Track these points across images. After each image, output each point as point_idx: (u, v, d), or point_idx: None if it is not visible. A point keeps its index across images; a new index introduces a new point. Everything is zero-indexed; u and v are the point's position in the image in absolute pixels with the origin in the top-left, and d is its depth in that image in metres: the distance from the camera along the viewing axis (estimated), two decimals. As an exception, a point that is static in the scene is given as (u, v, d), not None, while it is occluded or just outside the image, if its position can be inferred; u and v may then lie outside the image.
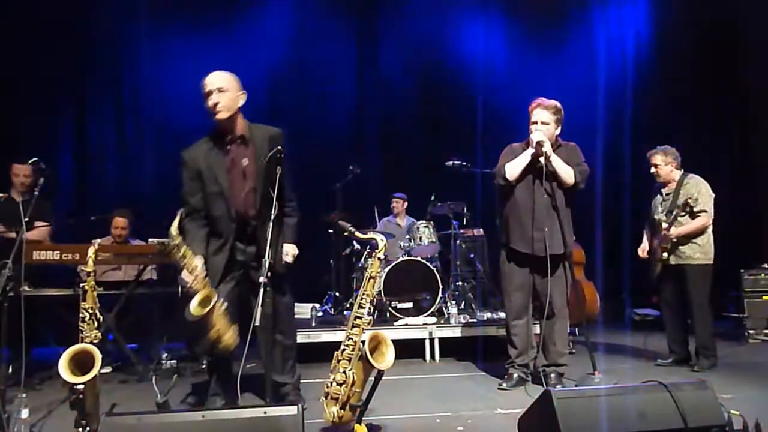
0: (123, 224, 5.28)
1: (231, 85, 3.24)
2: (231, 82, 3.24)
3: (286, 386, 3.45)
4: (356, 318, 2.94)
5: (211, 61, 7.42)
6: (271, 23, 7.76)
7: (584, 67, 7.75)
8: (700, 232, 4.35)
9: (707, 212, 4.35)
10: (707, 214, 4.35)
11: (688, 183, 4.43)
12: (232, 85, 3.24)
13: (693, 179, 4.46)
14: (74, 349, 2.64)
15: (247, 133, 3.27)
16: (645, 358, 4.82)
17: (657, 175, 4.55)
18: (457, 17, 8.21)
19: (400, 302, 5.51)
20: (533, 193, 3.84)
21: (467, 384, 4.16)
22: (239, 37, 7.61)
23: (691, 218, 4.36)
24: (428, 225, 5.92)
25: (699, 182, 4.43)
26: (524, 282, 3.93)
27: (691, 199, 4.25)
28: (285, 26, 7.81)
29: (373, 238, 3.12)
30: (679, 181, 4.49)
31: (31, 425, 2.89)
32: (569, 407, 2.15)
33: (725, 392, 3.32)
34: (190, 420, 2.08)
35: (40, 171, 3.48)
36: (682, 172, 4.53)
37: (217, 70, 3.26)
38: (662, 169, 4.51)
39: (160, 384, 2.97)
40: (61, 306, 4.38)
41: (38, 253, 4.36)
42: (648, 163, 4.60)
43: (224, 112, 3.21)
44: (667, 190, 4.55)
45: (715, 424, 2.19)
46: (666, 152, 4.51)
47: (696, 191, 4.33)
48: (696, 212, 4.32)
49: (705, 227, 4.36)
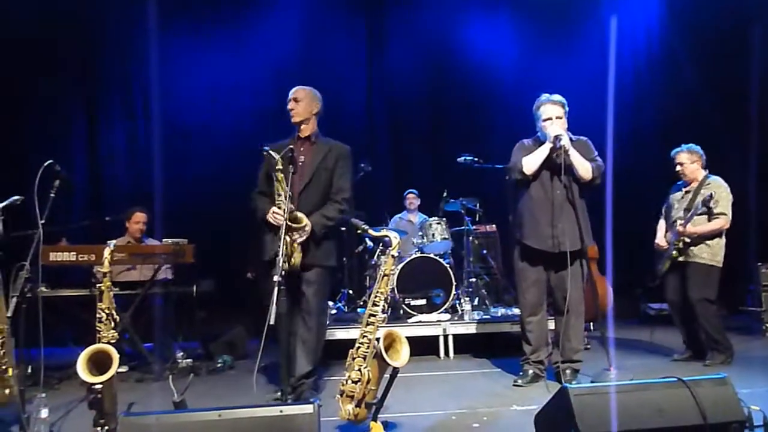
0: (143, 219, 5.33)
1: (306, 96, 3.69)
2: (306, 94, 3.69)
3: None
4: (370, 315, 2.94)
5: (220, 58, 7.49)
6: (279, 20, 7.75)
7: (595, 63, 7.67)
8: (715, 235, 4.31)
9: (726, 215, 4.30)
10: (725, 217, 4.30)
11: (710, 183, 4.39)
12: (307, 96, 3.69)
13: (716, 181, 4.41)
14: (92, 349, 2.67)
15: (314, 139, 3.67)
16: (660, 354, 4.78)
17: (682, 174, 4.50)
18: (466, 12, 8.15)
19: (413, 299, 5.51)
20: (549, 187, 3.82)
21: (482, 381, 4.16)
22: (248, 35, 7.61)
23: (708, 219, 4.32)
24: (440, 222, 5.90)
25: (720, 185, 4.38)
26: (539, 278, 3.91)
27: (713, 197, 4.20)
28: (293, 23, 7.80)
29: (386, 236, 3.13)
30: (701, 181, 4.44)
31: (51, 425, 2.93)
32: (586, 403, 2.14)
33: (744, 387, 3.27)
34: (207, 419, 2.10)
35: (55, 173, 3.51)
36: (706, 172, 4.48)
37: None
38: (688, 167, 4.46)
39: (177, 383, 2.98)
40: (78, 306, 4.43)
41: (55, 255, 4.42)
42: (673, 161, 4.54)
43: (296, 117, 3.66)
44: (688, 189, 4.51)
45: (735, 419, 2.17)
46: (691, 151, 4.46)
47: (718, 193, 4.28)
48: (715, 214, 4.28)
49: (720, 230, 4.31)
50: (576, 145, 3.83)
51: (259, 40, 7.62)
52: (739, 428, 2.16)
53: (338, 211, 3.58)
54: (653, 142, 7.43)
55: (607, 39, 7.85)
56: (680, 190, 4.57)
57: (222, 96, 7.49)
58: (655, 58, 7.97)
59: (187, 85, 7.41)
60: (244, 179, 6.94)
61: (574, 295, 3.78)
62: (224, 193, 7.30)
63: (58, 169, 3.49)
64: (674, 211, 4.52)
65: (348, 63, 7.98)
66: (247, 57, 7.54)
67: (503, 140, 4.57)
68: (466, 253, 6.11)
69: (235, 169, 7.44)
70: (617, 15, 7.77)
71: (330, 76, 7.67)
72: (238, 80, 7.48)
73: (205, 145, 7.44)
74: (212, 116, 7.51)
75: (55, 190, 3.49)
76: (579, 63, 7.68)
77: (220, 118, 7.50)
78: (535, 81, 7.25)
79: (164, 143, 7.13)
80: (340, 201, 3.60)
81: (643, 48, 8.08)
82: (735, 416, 2.18)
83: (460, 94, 8.05)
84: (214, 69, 7.47)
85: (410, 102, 8.08)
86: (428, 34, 8.05)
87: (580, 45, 7.87)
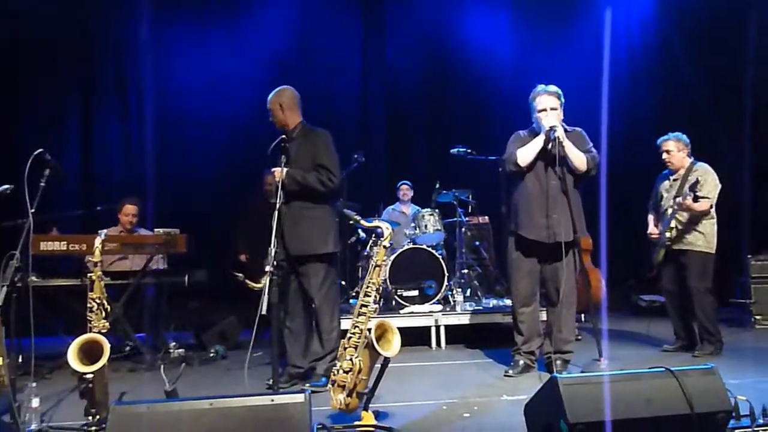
0: (134, 211, 5.30)
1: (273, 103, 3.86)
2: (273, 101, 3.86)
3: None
4: (362, 306, 2.95)
5: (216, 51, 7.44)
6: (275, 13, 7.71)
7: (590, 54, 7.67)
8: (702, 217, 4.34)
9: (709, 199, 4.33)
10: (709, 200, 4.33)
11: (697, 170, 4.41)
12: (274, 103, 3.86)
13: (702, 167, 4.44)
14: (83, 339, 2.66)
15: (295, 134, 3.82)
16: (651, 345, 4.82)
17: (669, 162, 4.52)
18: (463, 5, 8.13)
19: (405, 290, 5.52)
20: (544, 179, 3.83)
21: (473, 371, 4.18)
22: (243, 26, 7.57)
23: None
24: (433, 213, 5.91)
25: (707, 170, 4.41)
26: (532, 269, 3.93)
27: (698, 182, 4.22)
28: (289, 16, 7.76)
29: (378, 226, 3.12)
30: (688, 168, 4.47)
31: (42, 414, 2.92)
32: (575, 393, 2.15)
33: (732, 378, 3.31)
34: (198, 408, 2.10)
35: (45, 162, 3.48)
36: (692, 159, 4.50)
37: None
38: (674, 155, 4.48)
39: (169, 373, 2.99)
40: (68, 296, 4.41)
41: (45, 244, 4.39)
42: (659, 149, 4.56)
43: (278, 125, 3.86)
44: (675, 177, 4.53)
45: (721, 409, 2.18)
46: (678, 139, 4.49)
47: (704, 178, 4.31)
48: (699, 197, 4.31)
49: (705, 212, 4.34)
50: (571, 136, 3.84)
51: (255, 31, 7.58)
52: (725, 418, 2.18)
53: (317, 178, 3.65)
54: (647, 134, 7.43)
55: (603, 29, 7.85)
56: (667, 179, 4.59)
57: (217, 87, 7.45)
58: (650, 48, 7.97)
59: (181, 75, 7.36)
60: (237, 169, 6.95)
61: (567, 286, 3.80)
62: (217, 182, 7.29)
63: (48, 158, 3.46)
64: (664, 201, 4.54)
65: (344, 54, 7.94)
66: (243, 48, 7.49)
67: (498, 132, 4.58)
68: (459, 244, 6.13)
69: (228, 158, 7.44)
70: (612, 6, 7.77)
71: (326, 67, 7.65)
72: (234, 71, 7.44)
73: (198, 136, 7.42)
74: (206, 107, 7.48)
75: (46, 179, 3.45)
76: (576, 54, 7.68)
77: (214, 109, 7.47)
78: (531, 72, 7.24)
79: (157, 133, 7.10)
80: (321, 172, 3.67)
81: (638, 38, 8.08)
82: (722, 406, 2.19)
83: (456, 86, 8.04)
84: (210, 61, 7.43)
85: (405, 93, 8.07)
86: (425, 24, 8.03)
87: (577, 36, 7.87)
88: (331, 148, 3.78)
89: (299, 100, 3.89)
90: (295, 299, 3.77)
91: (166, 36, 7.23)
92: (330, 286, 3.76)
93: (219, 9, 7.51)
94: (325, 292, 3.70)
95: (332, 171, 3.69)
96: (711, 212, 4.36)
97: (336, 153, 3.79)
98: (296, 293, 3.77)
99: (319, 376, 3.63)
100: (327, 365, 3.60)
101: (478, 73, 7.90)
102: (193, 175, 7.23)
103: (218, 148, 7.35)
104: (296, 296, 3.77)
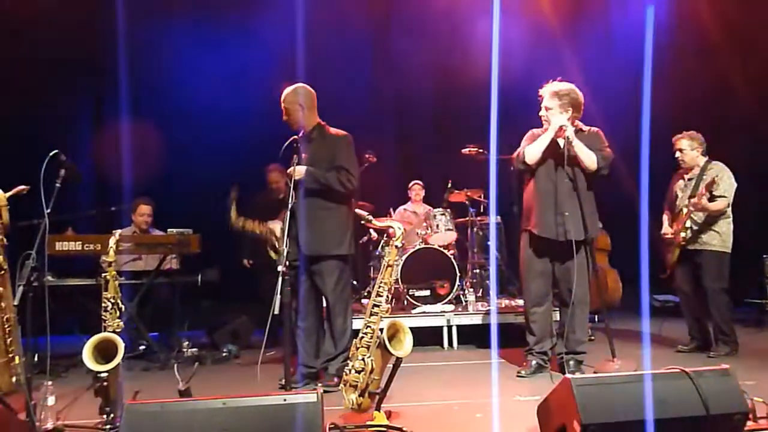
0: (148, 211, 5.34)
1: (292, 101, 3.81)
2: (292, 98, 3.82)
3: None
4: (374, 306, 2.95)
5: (223, 49, 7.46)
6: (283, 10, 7.71)
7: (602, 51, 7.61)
8: (718, 216, 4.29)
9: (726, 198, 4.29)
10: (726, 199, 4.29)
11: (712, 168, 4.37)
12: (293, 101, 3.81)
13: (717, 165, 4.40)
14: (98, 338, 2.69)
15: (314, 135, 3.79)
16: (665, 345, 4.77)
17: (681, 160, 4.48)
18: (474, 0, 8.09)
19: (417, 290, 5.51)
20: (555, 177, 3.81)
21: (485, 371, 4.16)
22: (252, 22, 7.57)
23: (709, 202, 4.30)
24: (445, 212, 5.90)
25: (723, 169, 4.37)
26: (544, 269, 3.91)
27: (716, 180, 4.18)
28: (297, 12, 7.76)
29: (390, 226, 3.13)
30: (702, 167, 4.42)
31: (57, 412, 2.95)
32: (589, 394, 2.14)
33: (748, 378, 3.28)
34: (212, 407, 2.11)
35: (61, 163, 3.52)
36: (707, 158, 4.45)
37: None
38: (687, 154, 4.44)
39: (182, 372, 3.01)
40: (83, 295, 4.46)
41: (61, 244, 4.45)
42: (672, 147, 4.52)
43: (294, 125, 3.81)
44: (689, 176, 4.49)
45: (738, 411, 2.16)
46: (692, 137, 4.44)
47: (720, 177, 4.26)
48: (715, 196, 4.26)
49: (721, 211, 4.29)
50: (585, 135, 3.82)
51: (264, 27, 7.58)
52: (741, 419, 2.16)
53: (336, 178, 3.65)
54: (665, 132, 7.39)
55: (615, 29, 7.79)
56: (682, 179, 4.55)
57: (226, 85, 7.47)
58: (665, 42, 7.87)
59: (193, 75, 7.38)
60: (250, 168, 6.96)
61: (579, 286, 3.77)
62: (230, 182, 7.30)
63: (63, 159, 3.50)
64: (679, 200, 4.50)
65: (352, 53, 7.94)
66: (252, 45, 7.50)
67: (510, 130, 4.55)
68: (470, 244, 6.11)
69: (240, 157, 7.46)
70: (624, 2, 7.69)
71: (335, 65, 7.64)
72: (244, 69, 7.46)
73: (210, 135, 7.44)
74: (216, 105, 7.49)
75: (61, 179, 3.49)
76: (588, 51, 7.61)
77: (224, 108, 7.48)
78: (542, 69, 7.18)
79: (170, 133, 7.14)
80: (341, 173, 3.67)
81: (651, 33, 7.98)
82: (738, 407, 2.17)
83: (466, 84, 7.99)
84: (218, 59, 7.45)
85: (415, 92, 8.03)
86: (433, 23, 7.99)
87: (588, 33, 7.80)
88: (351, 151, 3.79)
89: (316, 100, 3.87)
90: (308, 299, 3.78)
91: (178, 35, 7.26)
92: (344, 287, 3.77)
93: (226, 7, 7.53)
94: (339, 293, 3.71)
95: (352, 172, 3.70)
96: (727, 211, 4.31)
97: (355, 155, 3.81)
98: (309, 293, 3.77)
99: (332, 375, 3.64)
100: (339, 365, 3.60)
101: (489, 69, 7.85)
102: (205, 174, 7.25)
103: (230, 147, 7.36)
104: (309, 296, 3.78)
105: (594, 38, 7.82)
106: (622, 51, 7.25)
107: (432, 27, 8.00)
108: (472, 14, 8.07)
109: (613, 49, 7.63)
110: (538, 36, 7.89)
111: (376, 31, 8.09)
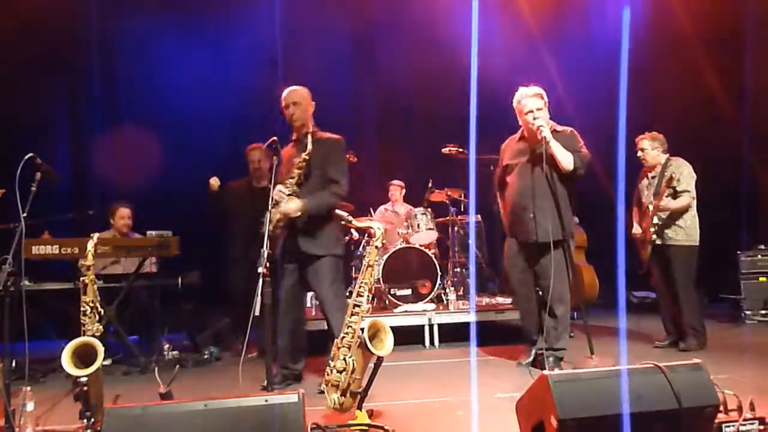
0: (128, 214, 5.30)
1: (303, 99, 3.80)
2: (303, 97, 3.81)
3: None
4: (355, 306, 2.97)
5: (205, 51, 7.42)
6: (264, 10, 7.69)
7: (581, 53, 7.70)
8: (683, 212, 4.41)
9: (689, 192, 4.41)
10: (689, 194, 4.41)
11: (672, 165, 4.50)
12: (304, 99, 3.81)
13: (677, 161, 4.54)
14: (76, 342, 2.67)
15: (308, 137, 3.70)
16: (643, 341, 4.86)
17: (643, 159, 4.63)
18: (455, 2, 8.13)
19: (398, 289, 5.54)
20: (531, 178, 3.87)
21: (466, 369, 4.21)
22: (232, 23, 7.54)
23: (673, 199, 4.41)
24: (426, 212, 5.94)
25: (682, 164, 4.51)
26: (525, 267, 4.02)
27: (674, 177, 4.29)
28: (278, 13, 7.74)
29: (370, 227, 3.15)
30: (663, 164, 4.55)
31: (37, 418, 2.92)
32: (565, 390, 2.17)
33: (721, 372, 3.35)
34: (193, 409, 2.11)
35: (37, 166, 3.48)
36: (667, 156, 4.58)
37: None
38: (648, 153, 4.58)
39: (163, 375, 2.99)
40: (62, 300, 4.41)
41: (37, 248, 4.39)
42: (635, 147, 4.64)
43: (297, 122, 3.78)
44: (652, 174, 4.61)
45: (709, 404, 2.22)
46: (654, 137, 4.59)
47: (678, 172, 4.37)
48: (678, 192, 4.38)
49: (686, 207, 4.41)
50: (560, 136, 3.88)
51: (244, 28, 7.55)
52: (713, 412, 2.22)
53: (330, 195, 3.68)
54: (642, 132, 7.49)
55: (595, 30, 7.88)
56: (646, 177, 4.66)
57: (207, 87, 7.42)
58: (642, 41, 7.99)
59: (171, 77, 7.33)
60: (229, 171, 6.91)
61: (557, 283, 3.83)
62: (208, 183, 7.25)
63: (39, 162, 3.46)
64: (644, 198, 4.63)
65: (333, 53, 7.94)
66: (232, 46, 7.47)
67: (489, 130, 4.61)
68: (452, 243, 6.16)
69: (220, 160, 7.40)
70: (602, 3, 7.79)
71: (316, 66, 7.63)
72: (223, 70, 7.42)
73: (190, 137, 7.39)
74: (197, 108, 7.45)
75: (37, 183, 3.45)
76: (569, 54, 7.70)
77: (205, 110, 7.43)
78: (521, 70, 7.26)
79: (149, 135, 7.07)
80: (333, 188, 3.70)
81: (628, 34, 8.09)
82: (709, 401, 2.22)
83: (447, 84, 8.03)
84: (199, 61, 7.41)
85: (396, 92, 8.06)
86: (414, 23, 8.02)
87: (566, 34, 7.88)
88: (342, 157, 3.84)
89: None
90: (289, 300, 3.76)
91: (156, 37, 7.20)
92: (340, 285, 3.81)
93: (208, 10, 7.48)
94: (336, 290, 3.72)
95: (342, 182, 3.73)
96: (692, 203, 4.42)
97: (345, 160, 3.86)
98: (290, 294, 3.75)
99: None
100: None
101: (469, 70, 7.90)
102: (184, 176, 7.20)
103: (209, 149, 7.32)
104: (289, 297, 3.76)
105: (572, 39, 7.91)
106: (599, 51, 7.33)
107: (412, 28, 8.03)
108: (452, 15, 8.12)
109: (591, 49, 7.72)
110: (516, 37, 7.96)
111: (356, 32, 8.10)
